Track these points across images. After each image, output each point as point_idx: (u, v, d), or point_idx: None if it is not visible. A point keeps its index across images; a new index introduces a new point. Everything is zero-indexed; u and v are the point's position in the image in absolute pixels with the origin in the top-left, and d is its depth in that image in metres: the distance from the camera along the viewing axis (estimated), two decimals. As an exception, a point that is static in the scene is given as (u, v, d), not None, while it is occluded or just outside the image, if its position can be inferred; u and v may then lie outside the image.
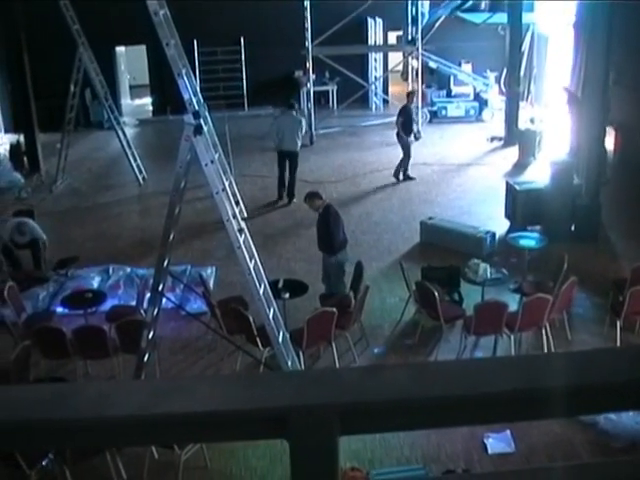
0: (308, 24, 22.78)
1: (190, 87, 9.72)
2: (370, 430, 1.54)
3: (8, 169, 21.21)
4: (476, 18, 25.81)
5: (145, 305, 11.79)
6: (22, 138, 22.40)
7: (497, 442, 9.13)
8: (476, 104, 25.21)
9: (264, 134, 23.62)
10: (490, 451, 9.05)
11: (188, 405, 1.43)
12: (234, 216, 9.42)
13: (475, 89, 25.52)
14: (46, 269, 14.55)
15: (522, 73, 24.37)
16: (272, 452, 9.15)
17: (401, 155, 19.00)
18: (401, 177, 18.97)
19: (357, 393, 1.44)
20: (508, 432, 9.16)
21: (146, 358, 10.31)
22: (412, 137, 19.18)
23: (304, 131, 18.45)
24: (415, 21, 23.57)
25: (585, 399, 1.52)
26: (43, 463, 8.54)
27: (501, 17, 24.05)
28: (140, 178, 19.93)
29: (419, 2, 23.66)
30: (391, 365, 2.36)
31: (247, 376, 3.75)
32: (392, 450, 9.11)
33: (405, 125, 18.90)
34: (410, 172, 19.06)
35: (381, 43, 27.43)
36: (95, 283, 13.79)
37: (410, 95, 19.99)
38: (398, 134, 19.03)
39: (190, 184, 9.99)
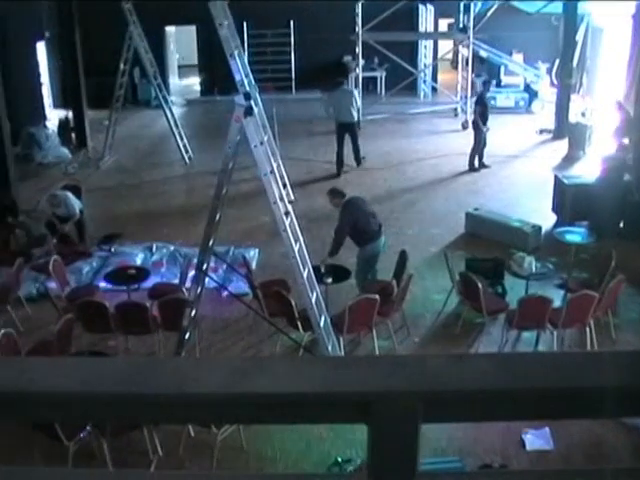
0: (359, 9, 22.68)
1: (242, 68, 9.70)
2: (452, 419, 1.50)
3: (56, 144, 21.40)
4: (530, 7, 25.51)
5: (187, 284, 11.84)
6: (71, 114, 22.60)
7: (536, 438, 9.01)
8: (526, 95, 24.97)
9: (311, 117, 23.64)
10: (528, 447, 8.93)
11: (270, 385, 1.39)
12: (281, 199, 9.39)
13: (525, 80, 25.26)
14: (90, 244, 14.65)
15: (575, 65, 24.06)
16: (308, 437, 9.13)
17: (472, 144, 18.82)
18: (477, 165, 18.83)
19: (441, 381, 1.40)
20: (547, 429, 9.04)
21: (187, 336, 10.36)
22: (487, 126, 18.94)
23: (359, 103, 19.30)
24: (467, 9, 23.39)
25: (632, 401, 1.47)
26: (82, 435, 8.60)
27: (556, 6, 23.68)
28: (186, 157, 20.00)
29: (472, -11, 23.45)
30: (474, 354, 2.29)
31: (331, 358, 3.74)
32: (429, 441, 9.02)
33: (483, 114, 18.75)
34: (476, 161, 18.94)
35: (432, 30, 27.25)
36: (138, 260, 13.86)
37: (486, 84, 19.80)
38: (474, 122, 18.88)
39: (236, 165, 9.97)
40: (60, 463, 8.21)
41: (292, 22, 27.06)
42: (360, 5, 22.60)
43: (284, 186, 12.51)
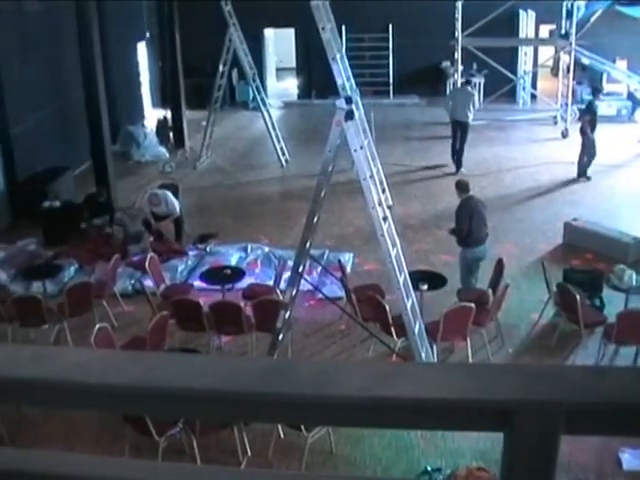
0: (459, 14, 22.51)
1: (344, 72, 9.69)
2: (593, 432, 1.44)
3: (154, 143, 21.76)
4: (635, 12, 24.79)
5: (282, 285, 11.88)
6: (169, 114, 22.94)
7: (633, 458, 8.74)
8: (629, 103, 24.37)
9: (408, 123, 23.56)
10: (625, 467, 8.67)
11: (411, 390, 1.36)
12: (379, 203, 9.35)
13: (629, 88, 24.69)
14: (186, 243, 14.84)
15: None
16: (398, 443, 9.07)
17: (579, 151, 18.53)
18: (588, 173, 18.54)
19: (584, 393, 1.35)
20: (645, 448, 8.79)
21: (280, 338, 10.39)
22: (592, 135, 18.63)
23: (476, 105, 19.79)
24: (570, 14, 22.90)
25: None
26: (172, 432, 8.69)
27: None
28: (283, 160, 20.10)
29: (576, -5, 23.00)
30: (614, 367, 2.24)
31: (469, 365, 3.71)
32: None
33: (592, 122, 18.47)
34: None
35: (532, 36, 26.87)
36: (233, 260, 13.97)
37: (596, 92, 19.51)
38: (583, 130, 18.58)
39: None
40: (149, 458, 8.32)
41: (391, 26, 27.00)
42: (460, 10, 22.43)
43: (383, 191, 12.48)
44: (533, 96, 26.69)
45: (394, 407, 1.35)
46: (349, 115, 9.08)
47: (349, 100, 9.19)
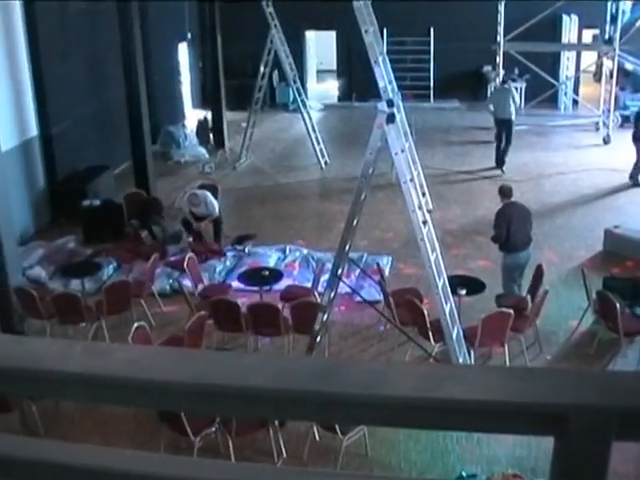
0: (501, 18, 22.38)
1: (386, 75, 9.67)
2: (645, 438, 1.43)
3: (194, 144, 21.86)
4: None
5: (320, 288, 11.88)
6: (209, 115, 23.03)
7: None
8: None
9: (449, 127, 23.47)
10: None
11: (462, 392, 1.35)
12: (419, 207, 9.33)
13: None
14: (224, 244, 14.88)
15: None
16: (434, 447, 9.05)
17: (635, 158, 18.38)
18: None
19: (637, 398, 1.33)
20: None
21: (317, 340, 10.39)
22: None
23: (517, 101, 19.98)
24: (614, 19, 22.62)
25: None
26: (208, 431, 8.73)
27: None
28: (322, 162, 20.09)
29: (620, -1, 22.75)
30: None
31: (519, 369, 3.69)
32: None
33: None
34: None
35: (575, 41, 26.62)
36: (271, 261, 13.99)
37: None
38: (636, 137, 18.40)
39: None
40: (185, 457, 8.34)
41: (432, 30, 26.92)
42: (502, 14, 22.30)
43: (423, 194, 12.45)
44: (575, 102, 26.43)
45: (446, 408, 1.34)
46: (390, 118, 9.07)
47: (391, 103, 9.18)
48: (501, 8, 22.09)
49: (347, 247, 9.88)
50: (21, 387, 1.53)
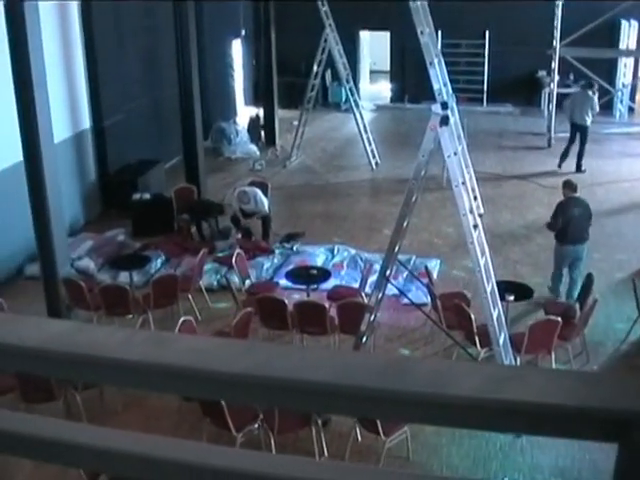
0: (558, 22, 22.13)
1: (441, 77, 9.61)
2: None
3: (245, 140, 21.92)
4: None
5: (367, 289, 11.85)
6: (261, 112, 23.08)
7: None
8: None
9: (501, 131, 23.30)
10: None
11: (526, 394, 1.34)
12: (471, 211, 9.26)
13: None
14: (273, 241, 14.91)
15: None
16: (476, 453, 8.99)
17: None
18: None
19: None
20: None
21: (363, 340, 10.37)
22: None
23: (596, 109, 19.79)
24: (676, 25, 22.36)
25: None
26: (250, 427, 8.75)
27: None
28: (373, 163, 20.04)
29: (682, 4, 22.41)
30: None
31: (588, 373, 3.67)
32: (601, 474, 8.69)
33: None
34: None
35: (634, 47, 26.25)
36: (319, 260, 13.98)
37: None
38: None
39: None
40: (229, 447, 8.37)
41: (487, 33, 26.73)
42: (559, 18, 22.04)
43: (474, 198, 12.37)
44: (630, 109, 26.11)
45: (509, 410, 1.33)
46: (444, 120, 9.01)
47: (445, 105, 9.12)
48: (558, 12, 21.82)
49: (396, 249, 9.85)
50: (82, 374, 1.54)
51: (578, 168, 19.30)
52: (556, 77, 22.83)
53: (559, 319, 10.10)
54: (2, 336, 1.49)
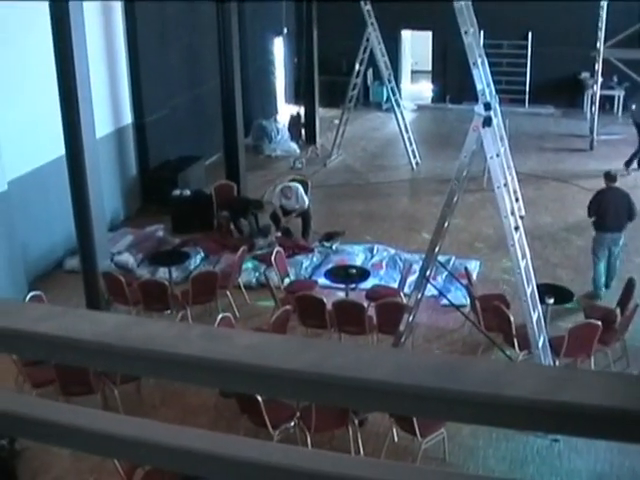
0: (602, 23, 21.91)
1: (484, 77, 9.56)
2: None
3: (285, 138, 21.94)
4: None
5: (406, 289, 11.82)
6: (302, 110, 23.08)
7: None
8: None
9: (543, 133, 23.11)
10: None
11: (582, 396, 1.32)
12: (512, 213, 9.21)
13: None
14: (312, 240, 14.92)
15: None
16: (513, 456, 8.95)
17: None
18: None
19: None
20: None
21: (402, 341, 10.34)
22: None
23: None
24: None
25: None
26: (287, 425, 8.77)
27: None
28: (413, 163, 19.96)
29: None
30: None
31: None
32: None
33: None
34: None
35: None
36: (358, 260, 13.97)
37: None
38: None
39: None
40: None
41: (530, 33, 26.54)
42: (604, 20, 21.82)
43: (516, 200, 12.32)
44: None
45: (566, 412, 1.32)
46: (487, 121, 8.97)
47: (488, 106, 9.07)
48: (602, 13, 21.60)
49: (437, 249, 9.82)
50: (138, 367, 1.55)
51: (627, 164, 19.16)
52: (599, 79, 22.60)
53: (599, 323, 10.01)
54: (57, 329, 1.50)
